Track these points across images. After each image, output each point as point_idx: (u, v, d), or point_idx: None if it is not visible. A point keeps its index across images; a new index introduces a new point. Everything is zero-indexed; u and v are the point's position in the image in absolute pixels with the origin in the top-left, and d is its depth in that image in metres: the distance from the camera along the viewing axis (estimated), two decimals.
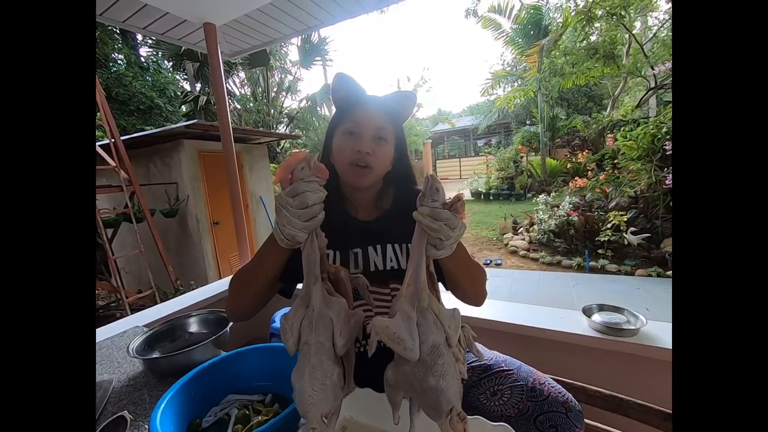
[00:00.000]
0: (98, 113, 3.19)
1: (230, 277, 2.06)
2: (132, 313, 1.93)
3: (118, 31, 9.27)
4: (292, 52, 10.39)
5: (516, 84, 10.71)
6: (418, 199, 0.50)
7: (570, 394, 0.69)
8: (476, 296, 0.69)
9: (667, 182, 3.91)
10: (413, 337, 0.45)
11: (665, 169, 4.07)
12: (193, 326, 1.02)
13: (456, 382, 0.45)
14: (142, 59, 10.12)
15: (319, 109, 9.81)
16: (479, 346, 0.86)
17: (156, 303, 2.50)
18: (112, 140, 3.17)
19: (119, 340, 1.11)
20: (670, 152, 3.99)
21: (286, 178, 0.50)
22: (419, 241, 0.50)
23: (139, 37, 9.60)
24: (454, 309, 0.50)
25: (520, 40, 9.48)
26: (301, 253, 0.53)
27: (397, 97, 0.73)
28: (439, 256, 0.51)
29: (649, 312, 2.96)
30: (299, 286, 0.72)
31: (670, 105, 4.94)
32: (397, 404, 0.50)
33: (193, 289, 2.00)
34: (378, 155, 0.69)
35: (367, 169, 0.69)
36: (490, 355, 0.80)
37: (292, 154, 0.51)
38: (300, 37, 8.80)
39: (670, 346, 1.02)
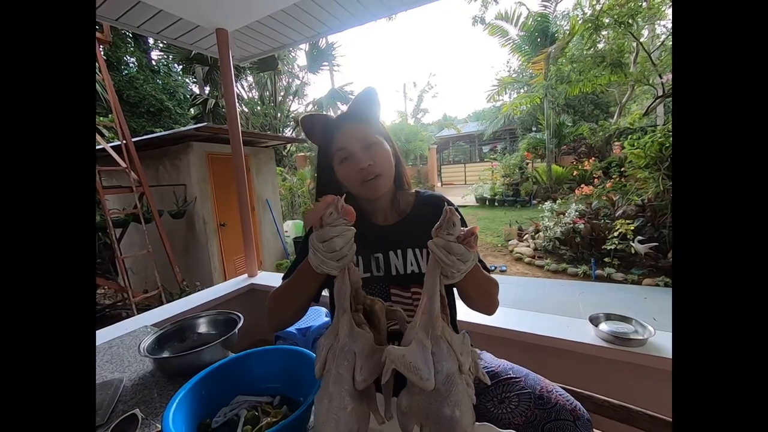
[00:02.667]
0: (111, 115, 3.26)
1: (236, 278, 2.09)
2: (138, 313, 1.96)
3: (130, 35, 9.46)
4: (300, 56, 10.55)
5: (522, 90, 10.71)
6: (434, 230, 0.51)
7: (578, 402, 0.68)
8: (487, 306, 0.71)
9: None
10: (429, 367, 0.45)
11: None
12: (202, 327, 1.03)
13: (469, 410, 0.46)
14: (153, 62, 10.32)
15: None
16: (487, 355, 0.86)
17: (162, 303, 2.53)
18: (124, 142, 3.23)
19: (128, 339, 1.13)
20: None
21: (317, 224, 0.53)
22: (433, 271, 0.51)
23: (151, 40, 9.79)
24: (464, 334, 0.51)
25: (527, 47, 9.51)
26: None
27: (358, 99, 0.73)
28: (448, 283, 0.53)
29: (656, 322, 2.91)
30: (324, 292, 0.75)
31: None
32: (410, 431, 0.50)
33: (199, 290, 2.02)
34: (378, 160, 0.71)
35: (377, 178, 0.71)
36: (497, 362, 0.80)
37: (323, 198, 0.53)
38: (308, 43, 8.91)
39: None
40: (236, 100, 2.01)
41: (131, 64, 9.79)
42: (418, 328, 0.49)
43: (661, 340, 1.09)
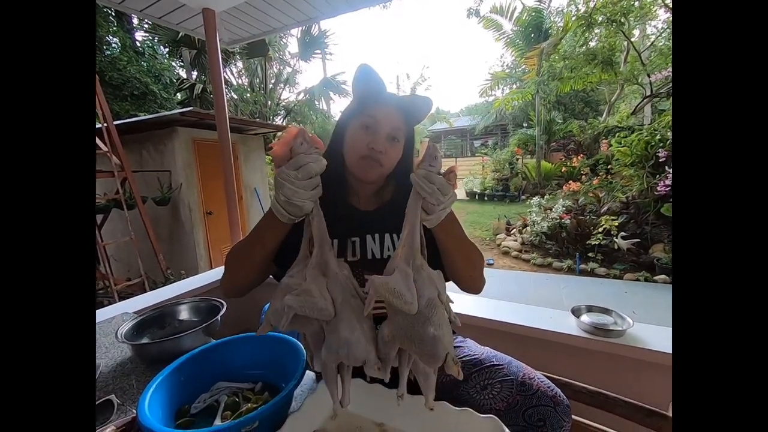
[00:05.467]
0: None
1: (222, 267, 2.05)
2: (120, 301, 1.91)
3: (113, 14, 9.05)
4: (292, 43, 10.29)
5: (515, 86, 10.75)
6: (417, 163, 0.53)
7: (558, 389, 0.69)
8: (473, 279, 0.71)
9: (658, 189, 3.98)
10: (412, 292, 0.48)
11: (657, 175, 4.14)
12: (184, 314, 1.01)
13: (449, 330, 0.49)
14: (138, 44, 9.91)
15: (317, 102, 9.73)
16: (470, 342, 0.87)
17: (145, 291, 2.47)
18: (105, 124, 3.10)
19: (107, 326, 1.10)
20: (663, 159, 4.05)
21: (285, 155, 0.52)
22: (414, 204, 0.53)
23: (135, 20, 9.39)
24: (438, 271, 0.54)
25: (521, 42, 9.51)
26: (304, 226, 0.56)
27: (415, 100, 0.73)
28: (429, 222, 0.55)
29: (635, 315, 3.01)
30: None
31: (665, 113, 5.00)
32: (390, 360, 0.52)
33: (184, 279, 1.98)
34: (389, 154, 0.71)
35: (376, 165, 0.70)
36: (480, 350, 0.81)
37: (287, 130, 0.53)
38: (300, 29, 8.69)
39: (655, 347, 1.04)
40: (225, 86, 1.95)
41: (114, 45, 9.37)
42: (399, 259, 0.52)
43: (638, 331, 1.12)
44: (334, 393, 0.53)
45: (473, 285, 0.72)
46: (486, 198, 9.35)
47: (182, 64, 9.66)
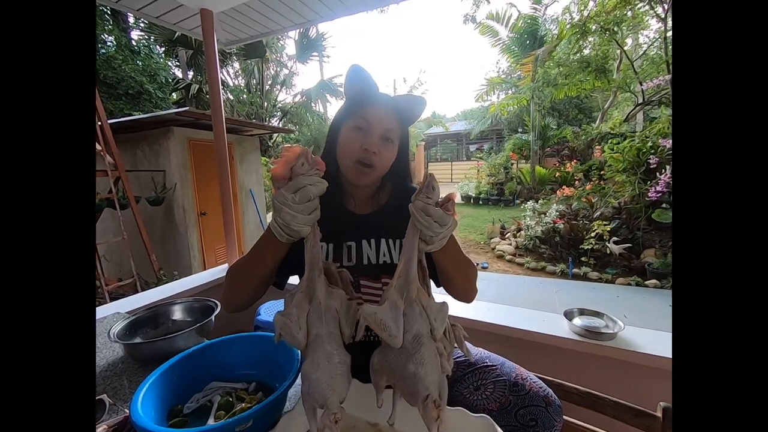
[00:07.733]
0: None
1: (217, 267, 2.04)
2: (111, 302, 1.88)
3: (108, 12, 8.99)
4: (289, 45, 10.30)
5: (510, 92, 10.84)
6: (414, 194, 0.52)
7: (550, 390, 0.70)
8: (467, 291, 0.71)
9: (649, 195, 4.04)
10: (398, 325, 0.47)
11: (648, 182, 4.20)
12: (177, 314, 1.00)
13: (435, 371, 0.47)
14: (134, 43, 9.84)
15: (313, 104, 9.74)
16: (467, 345, 0.87)
17: (137, 292, 2.44)
18: (99, 123, 3.08)
19: (99, 326, 1.08)
20: (654, 166, 4.12)
21: (286, 175, 0.51)
22: (412, 235, 0.52)
23: (131, 19, 9.33)
24: (443, 303, 0.53)
25: (516, 48, 9.63)
26: (299, 247, 0.54)
27: (409, 99, 0.74)
28: (428, 250, 0.54)
29: (626, 319, 3.04)
30: (291, 280, 0.73)
31: (657, 120, 5.09)
32: (381, 388, 0.52)
33: (177, 279, 1.96)
34: (383, 156, 0.70)
35: (370, 169, 0.70)
36: (474, 351, 0.82)
37: (290, 150, 0.52)
38: (298, 31, 8.72)
39: (645, 350, 1.06)
40: (221, 87, 1.94)
41: (109, 43, 9.28)
42: (393, 290, 0.51)
43: (629, 334, 1.14)
44: (311, 424, 0.48)
45: (466, 296, 0.72)
46: (481, 202, 9.41)
47: (178, 63, 9.61)
